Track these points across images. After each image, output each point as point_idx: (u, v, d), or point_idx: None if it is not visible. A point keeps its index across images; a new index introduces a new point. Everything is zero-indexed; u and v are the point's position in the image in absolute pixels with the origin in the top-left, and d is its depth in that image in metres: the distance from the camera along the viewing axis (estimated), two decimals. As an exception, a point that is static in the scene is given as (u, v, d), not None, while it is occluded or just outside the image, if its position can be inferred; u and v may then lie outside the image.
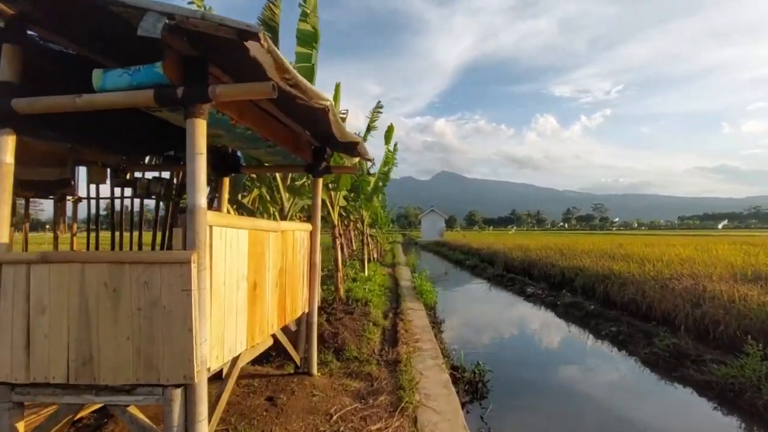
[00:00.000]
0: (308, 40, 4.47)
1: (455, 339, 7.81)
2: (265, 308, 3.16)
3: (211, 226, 2.35)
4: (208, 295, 2.25)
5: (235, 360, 2.92)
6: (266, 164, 4.85)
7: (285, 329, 4.36)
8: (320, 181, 4.41)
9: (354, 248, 14.50)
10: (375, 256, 22.65)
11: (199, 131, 2.14)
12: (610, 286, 10.32)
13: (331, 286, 9.12)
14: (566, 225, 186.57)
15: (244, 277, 2.79)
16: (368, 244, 21.82)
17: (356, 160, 4.45)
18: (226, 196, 4.52)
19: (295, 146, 3.93)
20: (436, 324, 8.32)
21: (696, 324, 7.42)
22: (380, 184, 11.53)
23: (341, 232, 13.74)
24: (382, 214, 24.77)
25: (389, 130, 10.86)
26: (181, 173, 4.95)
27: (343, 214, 13.25)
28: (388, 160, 11.15)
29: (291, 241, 3.76)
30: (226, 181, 4.54)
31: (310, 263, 4.36)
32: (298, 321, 4.37)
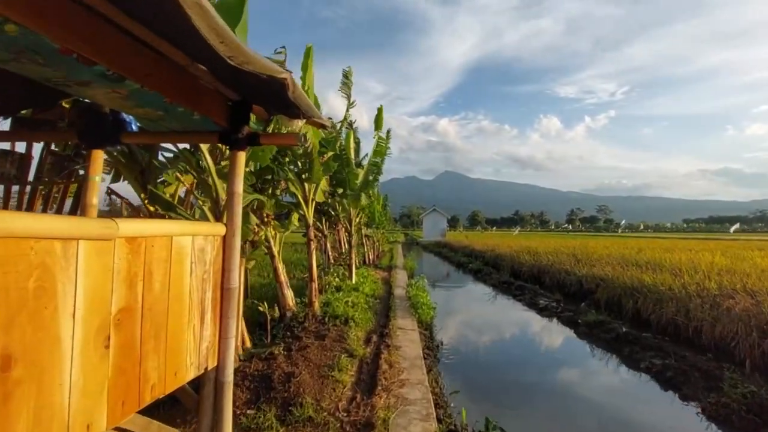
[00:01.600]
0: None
1: (455, 372, 6.16)
2: (55, 399, 1.52)
3: None
4: None
5: None
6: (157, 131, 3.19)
7: (182, 393, 2.73)
8: (241, 156, 2.77)
9: (343, 251, 12.79)
10: (371, 258, 21.00)
11: None
12: (641, 301, 8.64)
13: (305, 299, 7.50)
14: (570, 226, 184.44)
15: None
16: (363, 245, 20.16)
17: (300, 123, 2.81)
18: (97, 180, 2.89)
19: (189, 96, 2.31)
20: (432, 351, 6.66)
21: (766, 360, 5.75)
22: (371, 177, 9.88)
23: (326, 233, 12.11)
24: (381, 213, 23.12)
25: (379, 113, 9.21)
26: (44, 145, 3.34)
27: (332, 212, 11.63)
28: (380, 150, 9.49)
29: (163, 254, 2.12)
30: (99, 155, 2.90)
31: (222, 287, 2.72)
32: (202, 380, 2.72)
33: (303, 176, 6.94)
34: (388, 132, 9.82)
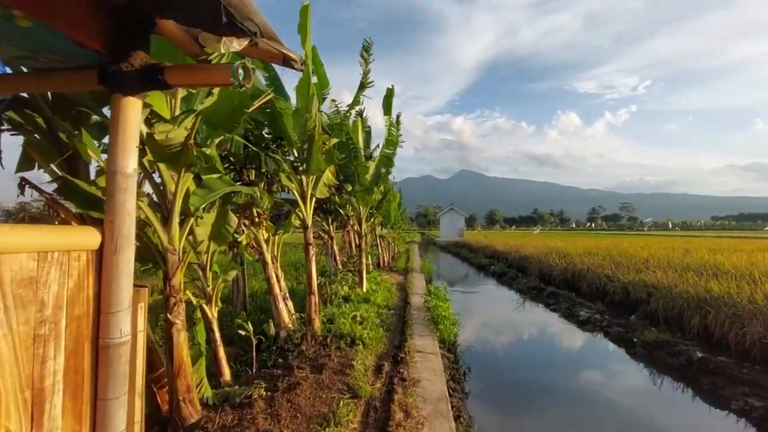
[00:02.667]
0: None
1: (490, 413, 4.84)
2: None
3: None
4: None
5: None
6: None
7: None
8: (130, 106, 1.55)
9: (353, 254, 11.45)
10: (385, 260, 19.74)
11: None
12: (712, 316, 7.11)
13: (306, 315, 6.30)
14: (593, 225, 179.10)
15: None
16: (378, 246, 18.92)
17: (234, 44, 1.58)
18: None
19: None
20: (459, 384, 5.36)
21: None
22: (382, 170, 8.62)
23: (332, 234, 10.90)
24: (396, 212, 21.85)
25: (388, 95, 7.90)
26: None
27: (340, 211, 10.39)
28: (392, 139, 8.21)
29: None
30: None
31: (96, 344, 1.50)
32: None
33: (299, 167, 5.74)
34: (398, 117, 8.50)
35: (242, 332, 4.80)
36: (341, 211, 9.77)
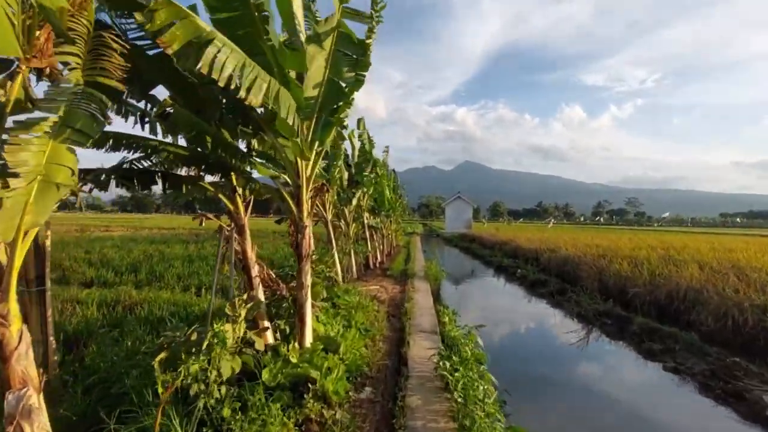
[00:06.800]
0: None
1: None
2: None
3: None
4: None
5: None
6: None
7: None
8: None
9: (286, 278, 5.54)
10: (378, 259, 14.83)
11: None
12: None
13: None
14: (601, 219, 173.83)
15: None
16: (368, 240, 14.01)
17: None
18: None
19: None
20: None
21: None
22: (343, 77, 3.64)
23: (244, 221, 5.53)
24: (391, 194, 16.87)
25: None
26: None
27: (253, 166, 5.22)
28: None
29: None
30: None
31: None
32: None
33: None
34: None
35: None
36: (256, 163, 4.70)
